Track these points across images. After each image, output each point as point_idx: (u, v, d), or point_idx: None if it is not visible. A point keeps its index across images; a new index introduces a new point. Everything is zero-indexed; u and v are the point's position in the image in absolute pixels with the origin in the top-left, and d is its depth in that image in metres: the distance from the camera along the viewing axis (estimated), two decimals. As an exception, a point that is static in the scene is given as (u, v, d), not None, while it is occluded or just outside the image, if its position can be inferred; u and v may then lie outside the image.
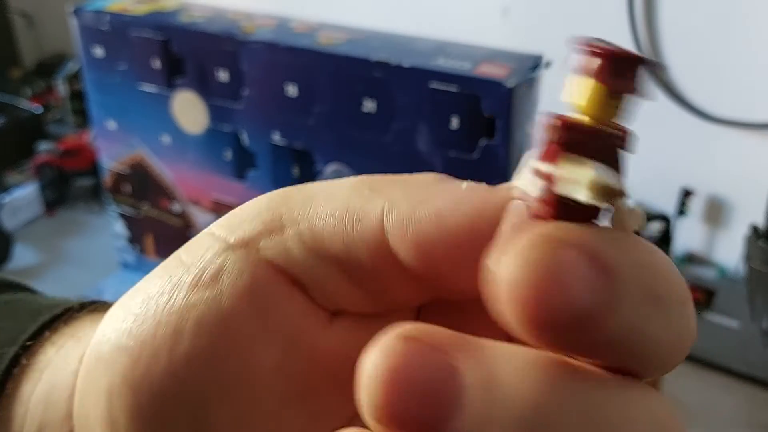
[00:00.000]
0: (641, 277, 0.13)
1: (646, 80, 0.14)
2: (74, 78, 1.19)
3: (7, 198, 0.93)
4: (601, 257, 0.13)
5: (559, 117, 0.14)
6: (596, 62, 0.14)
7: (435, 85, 0.54)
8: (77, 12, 0.70)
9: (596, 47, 0.14)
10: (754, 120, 0.79)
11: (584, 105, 0.14)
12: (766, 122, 0.78)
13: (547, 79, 0.58)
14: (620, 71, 0.14)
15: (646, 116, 0.88)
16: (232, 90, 0.64)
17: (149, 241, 0.81)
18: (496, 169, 0.54)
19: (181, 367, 0.17)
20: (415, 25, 0.73)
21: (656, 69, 0.15)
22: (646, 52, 0.82)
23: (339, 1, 1.04)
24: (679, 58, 0.82)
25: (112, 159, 0.77)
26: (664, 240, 0.61)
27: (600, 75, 0.14)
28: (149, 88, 0.69)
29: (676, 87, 0.83)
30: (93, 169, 1.01)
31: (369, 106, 0.57)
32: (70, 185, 1.02)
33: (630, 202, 0.14)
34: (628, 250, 0.14)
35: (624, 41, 0.81)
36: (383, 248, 0.17)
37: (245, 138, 0.66)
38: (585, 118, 0.14)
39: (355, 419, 0.16)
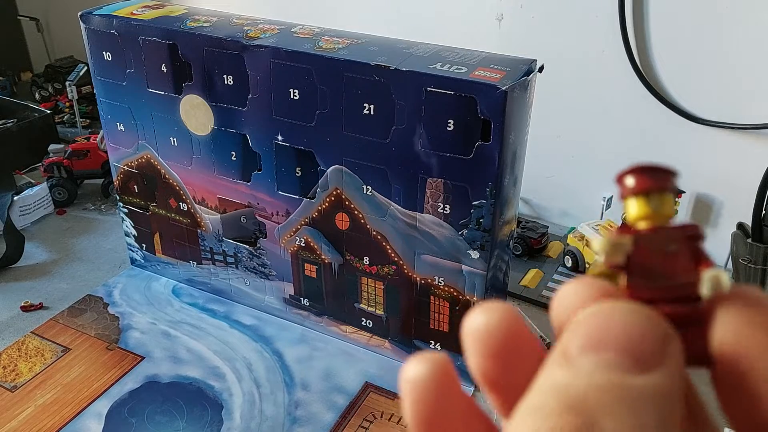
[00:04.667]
0: None
1: (674, 181, 0.17)
2: (83, 81, 1.21)
3: (18, 198, 0.94)
4: None
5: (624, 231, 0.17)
6: (631, 181, 0.17)
7: (432, 88, 0.55)
8: (86, 17, 0.71)
9: (628, 171, 0.17)
10: (739, 122, 0.81)
11: (638, 216, 0.17)
12: (752, 124, 0.80)
13: (540, 83, 0.59)
14: (651, 179, 0.17)
15: (636, 119, 0.92)
16: (237, 93, 0.65)
17: (156, 240, 0.82)
18: (490, 169, 0.56)
19: None
20: (413, 31, 0.75)
21: (674, 175, 0.17)
22: (637, 56, 0.84)
23: (340, 7, 1.05)
24: (667, 64, 0.83)
25: (120, 160, 0.79)
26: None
27: (637, 190, 0.17)
28: (157, 91, 0.70)
29: (665, 90, 0.84)
30: (102, 169, 1.03)
31: (369, 108, 0.59)
32: (80, 185, 1.04)
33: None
34: None
35: (614, 47, 0.83)
36: None
37: (250, 139, 0.67)
38: (643, 224, 0.17)
39: None
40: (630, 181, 0.17)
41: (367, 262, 0.67)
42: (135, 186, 0.79)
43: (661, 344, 0.15)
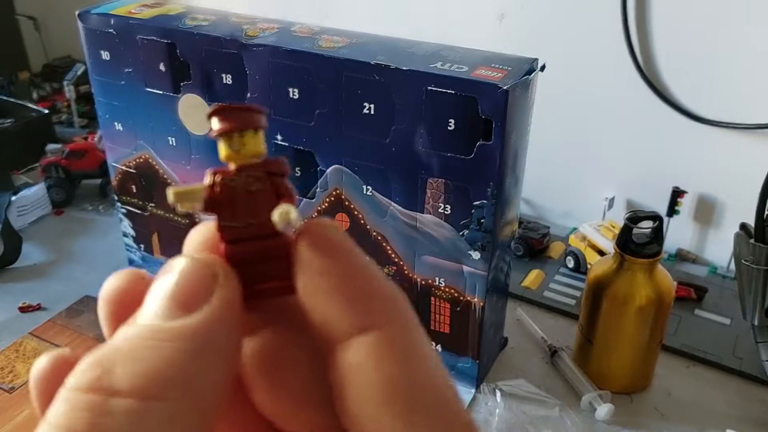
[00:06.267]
0: None
1: (256, 119, 0.17)
2: (81, 81, 1.20)
3: (16, 198, 0.93)
4: None
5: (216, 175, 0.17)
6: (213, 124, 0.17)
7: (433, 88, 0.54)
8: (84, 16, 0.70)
9: (211, 112, 0.17)
10: (743, 121, 0.80)
11: (225, 157, 0.17)
12: (755, 123, 0.79)
13: (542, 82, 0.59)
14: (228, 120, 0.17)
15: (639, 118, 0.91)
16: (236, 92, 0.65)
17: (155, 240, 0.82)
18: (491, 169, 0.55)
19: None
20: (413, 30, 0.74)
21: (256, 113, 0.18)
22: (639, 55, 0.83)
23: (340, 6, 1.04)
24: (670, 62, 0.83)
25: (118, 160, 0.78)
26: (656, 239, 0.62)
27: (217, 132, 0.17)
28: (155, 90, 0.70)
29: (668, 90, 0.84)
30: (100, 169, 1.02)
31: (369, 108, 0.58)
32: (77, 185, 1.03)
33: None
34: None
35: (617, 46, 0.83)
36: None
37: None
38: (231, 165, 0.17)
39: None
40: (213, 123, 0.17)
41: (367, 263, 0.66)
42: (133, 186, 0.79)
43: (207, 285, 0.16)
